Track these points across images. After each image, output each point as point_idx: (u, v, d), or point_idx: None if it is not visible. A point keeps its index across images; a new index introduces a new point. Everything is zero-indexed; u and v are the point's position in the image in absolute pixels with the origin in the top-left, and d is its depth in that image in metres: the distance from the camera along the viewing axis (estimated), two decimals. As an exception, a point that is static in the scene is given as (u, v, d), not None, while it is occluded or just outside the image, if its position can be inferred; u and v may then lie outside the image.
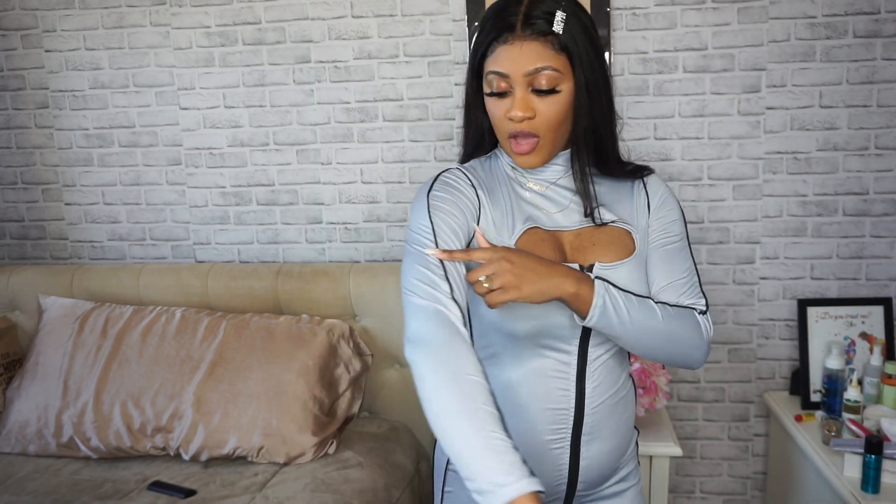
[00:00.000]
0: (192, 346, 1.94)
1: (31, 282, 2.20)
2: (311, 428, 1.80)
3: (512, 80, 0.97)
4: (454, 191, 1.03)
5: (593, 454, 1.07)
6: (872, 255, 2.02)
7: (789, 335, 2.09)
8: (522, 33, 0.96)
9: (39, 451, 1.90)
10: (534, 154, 1.01)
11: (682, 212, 1.13)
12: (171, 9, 2.16)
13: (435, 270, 0.95)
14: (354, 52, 2.11)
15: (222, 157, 2.23)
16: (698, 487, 2.21)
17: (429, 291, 0.93)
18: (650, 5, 1.98)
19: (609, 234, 1.06)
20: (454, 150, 2.12)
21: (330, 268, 2.09)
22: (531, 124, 0.99)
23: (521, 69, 0.96)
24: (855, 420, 1.78)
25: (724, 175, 2.04)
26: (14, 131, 2.32)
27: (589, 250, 1.04)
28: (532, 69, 0.96)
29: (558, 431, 1.05)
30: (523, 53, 0.96)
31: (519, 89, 0.97)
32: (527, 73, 0.96)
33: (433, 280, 0.94)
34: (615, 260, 1.03)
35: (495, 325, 1.04)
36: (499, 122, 1.01)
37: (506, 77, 0.97)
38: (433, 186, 1.04)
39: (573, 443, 1.06)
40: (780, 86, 1.97)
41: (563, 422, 1.05)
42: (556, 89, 0.97)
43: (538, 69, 0.96)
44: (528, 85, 0.97)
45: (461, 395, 0.85)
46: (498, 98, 1.00)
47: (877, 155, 1.98)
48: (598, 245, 1.05)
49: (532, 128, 0.99)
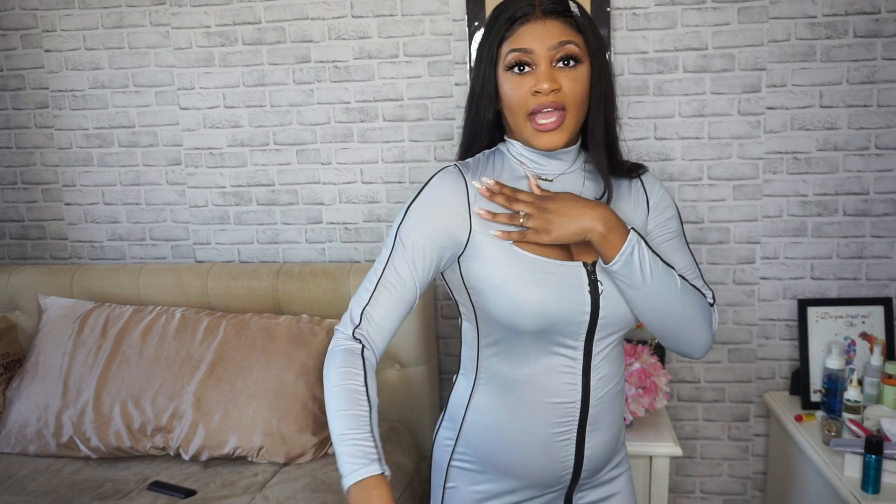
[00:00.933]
0: (192, 346, 1.94)
1: (31, 282, 2.20)
2: (311, 428, 1.80)
3: (536, 56, 1.00)
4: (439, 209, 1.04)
5: (596, 443, 1.10)
6: (872, 255, 2.02)
7: (789, 335, 2.09)
8: (543, 14, 1.00)
9: (39, 451, 1.90)
10: (558, 131, 1.01)
11: (677, 209, 1.15)
12: (171, 9, 2.16)
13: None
14: (354, 52, 2.11)
15: (222, 157, 2.23)
16: (698, 487, 2.21)
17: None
18: (650, 5, 1.98)
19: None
20: (454, 150, 2.12)
21: (330, 268, 2.09)
22: (557, 96, 1.00)
23: (546, 43, 0.99)
24: (855, 420, 1.78)
25: (724, 175, 2.04)
26: (14, 131, 2.32)
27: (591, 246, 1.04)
28: (556, 42, 0.99)
29: (565, 424, 1.07)
30: (547, 29, 1.00)
31: (543, 63, 1.00)
32: (552, 47, 0.99)
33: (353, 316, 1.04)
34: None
35: (503, 324, 1.04)
36: (520, 100, 1.01)
37: (529, 53, 1.00)
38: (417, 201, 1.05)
39: (579, 433, 1.08)
40: (780, 86, 1.97)
41: (570, 414, 1.07)
42: (580, 61, 1.01)
43: (562, 42, 1.00)
44: (551, 60, 1.00)
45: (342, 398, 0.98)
46: (520, 76, 1.01)
47: (877, 155, 1.98)
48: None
49: (559, 99, 1.00)
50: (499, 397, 1.09)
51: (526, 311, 1.01)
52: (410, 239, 1.03)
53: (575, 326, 1.03)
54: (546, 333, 1.03)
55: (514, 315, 1.02)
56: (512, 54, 1.01)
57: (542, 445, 1.07)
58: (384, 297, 1.02)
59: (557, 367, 1.06)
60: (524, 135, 1.04)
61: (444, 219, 1.03)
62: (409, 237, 1.03)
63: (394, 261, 1.03)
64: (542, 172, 1.08)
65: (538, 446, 1.07)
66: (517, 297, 1.01)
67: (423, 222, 1.03)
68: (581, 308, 1.02)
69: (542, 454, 1.08)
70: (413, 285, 1.03)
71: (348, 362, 1.00)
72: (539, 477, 1.10)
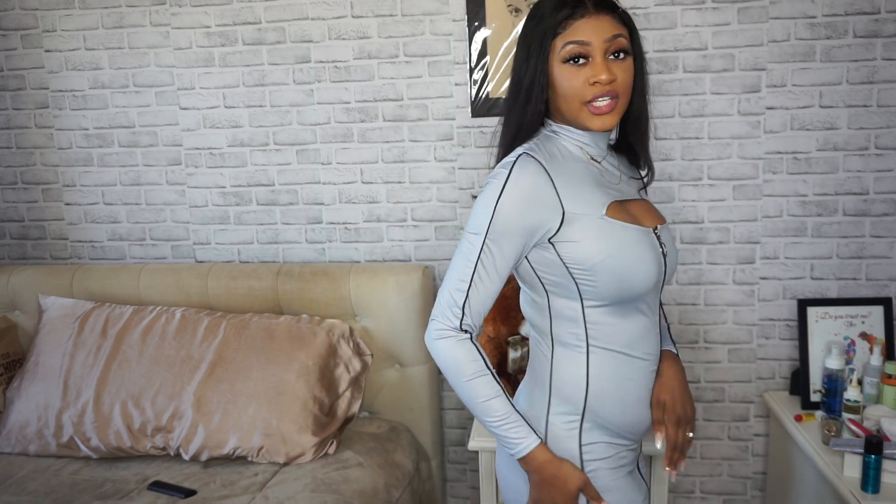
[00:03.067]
0: (192, 346, 1.94)
1: (31, 282, 2.20)
2: (311, 428, 1.80)
3: (592, 48, 1.08)
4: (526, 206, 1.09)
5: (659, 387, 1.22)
6: (872, 255, 2.02)
7: (789, 335, 2.09)
8: (595, 9, 1.09)
9: (39, 451, 1.90)
10: (613, 114, 1.11)
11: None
12: (171, 9, 2.16)
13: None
14: (354, 52, 2.11)
15: (222, 157, 2.23)
16: (698, 487, 2.21)
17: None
18: (650, 5, 1.98)
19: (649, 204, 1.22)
20: (454, 149, 2.12)
21: (330, 268, 2.09)
22: (613, 86, 1.09)
23: (601, 36, 1.08)
24: (855, 420, 1.78)
25: (724, 175, 2.04)
26: (14, 131, 2.32)
27: (646, 217, 1.18)
28: (611, 35, 1.09)
29: (651, 374, 1.21)
30: (601, 23, 1.09)
31: (598, 56, 1.08)
32: (607, 39, 1.08)
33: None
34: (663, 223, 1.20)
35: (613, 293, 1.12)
36: (578, 90, 1.09)
37: (587, 45, 1.08)
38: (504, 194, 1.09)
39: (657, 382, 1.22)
40: (780, 86, 1.97)
41: (655, 364, 1.21)
42: (629, 53, 1.12)
43: (616, 35, 1.09)
44: (605, 52, 1.09)
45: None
46: (576, 67, 1.09)
47: (877, 155, 1.98)
48: (649, 213, 1.20)
49: (613, 88, 1.10)
50: (613, 363, 1.17)
51: (642, 276, 1.11)
52: (502, 236, 1.10)
53: (656, 287, 1.17)
54: (646, 295, 1.15)
55: (632, 282, 1.11)
56: (569, 47, 1.08)
57: (645, 397, 1.20)
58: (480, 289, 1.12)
59: (648, 325, 1.18)
60: (580, 119, 1.12)
61: (535, 211, 1.09)
62: (500, 234, 1.09)
63: (485, 257, 1.10)
64: (596, 155, 1.18)
65: (643, 399, 1.20)
66: (633, 265, 1.10)
67: (515, 218, 1.09)
68: (661, 268, 1.16)
69: (646, 406, 1.20)
70: (503, 275, 1.13)
71: (472, 355, 1.13)
72: (644, 428, 1.22)
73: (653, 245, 1.14)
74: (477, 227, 1.10)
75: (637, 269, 1.11)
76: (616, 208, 1.13)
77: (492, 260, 1.10)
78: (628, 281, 1.11)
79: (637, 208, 1.18)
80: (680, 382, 1.22)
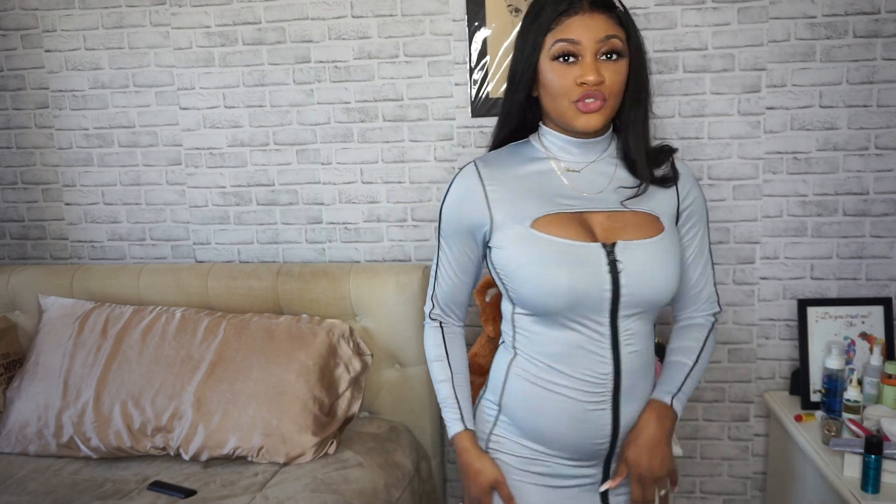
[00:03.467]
0: (192, 346, 1.94)
1: (31, 282, 2.20)
2: (311, 428, 1.80)
3: (583, 48, 1.06)
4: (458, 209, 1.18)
5: (632, 412, 1.17)
6: (872, 255, 2.02)
7: (789, 335, 2.09)
8: (590, 7, 1.07)
9: (39, 451, 1.90)
10: (599, 113, 1.08)
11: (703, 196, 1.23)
12: (171, 9, 2.16)
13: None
14: (354, 52, 2.11)
15: (222, 157, 2.23)
16: (698, 487, 2.21)
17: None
18: (650, 5, 1.98)
19: (640, 217, 1.14)
20: (454, 149, 2.12)
21: (330, 268, 2.09)
22: (601, 88, 1.07)
23: (593, 36, 1.06)
24: (855, 420, 1.78)
25: (724, 175, 2.04)
26: (14, 131, 2.32)
27: (620, 231, 1.12)
28: (603, 36, 1.06)
29: (599, 396, 1.13)
30: (595, 22, 1.06)
31: (588, 55, 1.06)
32: (598, 40, 1.06)
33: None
34: (639, 238, 1.11)
35: (531, 303, 1.12)
36: (565, 88, 1.08)
37: (577, 44, 1.06)
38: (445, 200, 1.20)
39: (613, 406, 1.14)
40: (780, 86, 1.97)
41: (602, 387, 1.13)
42: (623, 55, 1.08)
43: (608, 36, 1.06)
44: (596, 52, 1.06)
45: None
46: (565, 65, 1.07)
47: (877, 155, 1.98)
48: (629, 226, 1.12)
49: (602, 90, 1.07)
50: (535, 369, 1.16)
51: (549, 290, 1.08)
52: (449, 236, 1.21)
53: (598, 303, 1.10)
54: (572, 310, 1.10)
55: (541, 294, 1.09)
56: (559, 44, 1.07)
57: (576, 417, 1.14)
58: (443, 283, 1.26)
59: (586, 342, 1.12)
60: (566, 117, 1.10)
61: (467, 215, 1.17)
62: (446, 234, 1.22)
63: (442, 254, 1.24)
64: (570, 163, 1.15)
65: (572, 418, 1.14)
66: (541, 277, 1.08)
67: (453, 221, 1.19)
68: (601, 286, 1.09)
69: (577, 426, 1.15)
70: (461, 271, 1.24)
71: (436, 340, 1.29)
72: (574, 447, 1.17)
73: (587, 261, 1.08)
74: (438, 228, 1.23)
75: (554, 283, 1.07)
76: (551, 220, 1.11)
77: (447, 257, 1.23)
78: (543, 294, 1.09)
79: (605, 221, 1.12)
80: (650, 440, 1.14)
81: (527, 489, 1.21)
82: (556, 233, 1.10)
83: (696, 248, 1.22)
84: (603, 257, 1.09)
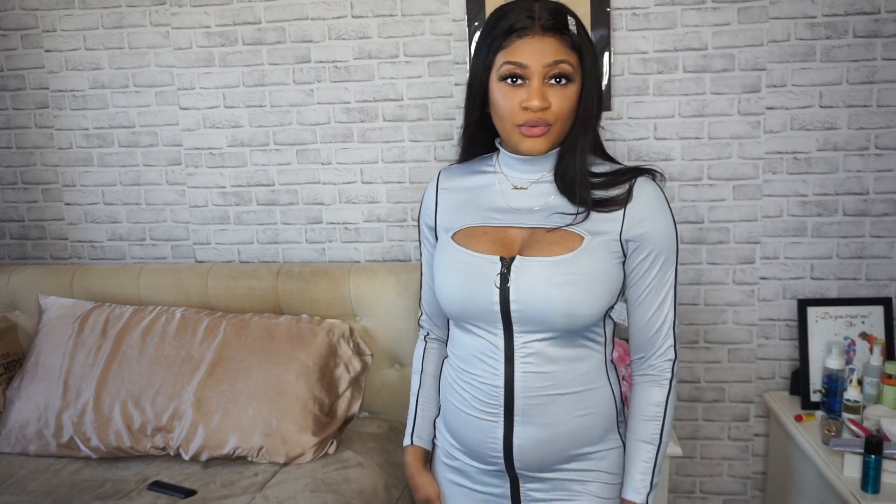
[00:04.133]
0: (192, 346, 1.94)
1: (31, 282, 2.20)
2: (311, 428, 1.80)
3: (530, 71, 1.03)
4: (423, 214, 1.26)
5: (530, 437, 1.12)
6: (872, 255, 2.02)
7: (789, 335, 2.09)
8: (541, 30, 1.03)
9: (39, 451, 1.90)
10: (543, 138, 1.06)
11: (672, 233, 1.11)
12: (171, 9, 2.16)
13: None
14: (354, 52, 2.11)
15: (222, 157, 2.23)
16: (698, 487, 2.21)
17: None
18: (650, 5, 1.98)
19: (562, 235, 1.09)
20: (454, 149, 2.11)
21: (330, 268, 2.09)
22: (546, 114, 1.04)
23: (541, 60, 1.03)
24: (855, 420, 1.78)
25: (724, 175, 2.04)
26: (14, 131, 2.32)
27: (534, 247, 1.09)
28: (551, 61, 1.03)
29: (490, 406, 1.13)
30: (544, 46, 1.03)
31: (535, 80, 1.03)
32: (547, 65, 1.03)
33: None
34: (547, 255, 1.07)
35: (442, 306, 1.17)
36: (510, 111, 1.06)
37: (524, 67, 1.03)
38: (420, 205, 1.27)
39: (506, 420, 1.12)
40: (780, 86, 1.97)
41: (494, 398, 1.12)
42: (572, 80, 1.05)
43: (557, 61, 1.03)
44: (543, 76, 1.03)
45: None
46: (512, 87, 1.05)
47: (877, 155, 1.98)
48: (545, 244, 1.09)
49: (546, 117, 1.05)
50: (450, 368, 1.22)
51: (446, 295, 1.14)
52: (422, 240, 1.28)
53: (489, 315, 1.10)
54: (467, 318, 1.13)
55: (442, 298, 1.16)
56: (506, 66, 1.04)
57: (472, 420, 1.16)
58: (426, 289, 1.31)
59: (481, 348, 1.13)
60: (511, 139, 1.09)
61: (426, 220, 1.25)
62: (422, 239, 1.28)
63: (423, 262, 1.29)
64: (518, 180, 1.15)
65: (469, 419, 1.16)
66: (441, 283, 1.15)
67: (421, 226, 1.27)
68: (489, 298, 1.09)
69: (472, 428, 1.16)
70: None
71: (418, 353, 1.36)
72: (472, 448, 1.18)
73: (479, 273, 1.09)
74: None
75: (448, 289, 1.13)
76: (471, 233, 1.14)
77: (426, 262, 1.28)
78: (442, 298, 1.15)
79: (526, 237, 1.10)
80: None
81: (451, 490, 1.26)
82: (467, 244, 1.13)
83: (650, 285, 1.11)
84: (496, 270, 1.08)
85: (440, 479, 1.28)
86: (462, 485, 1.23)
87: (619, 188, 1.10)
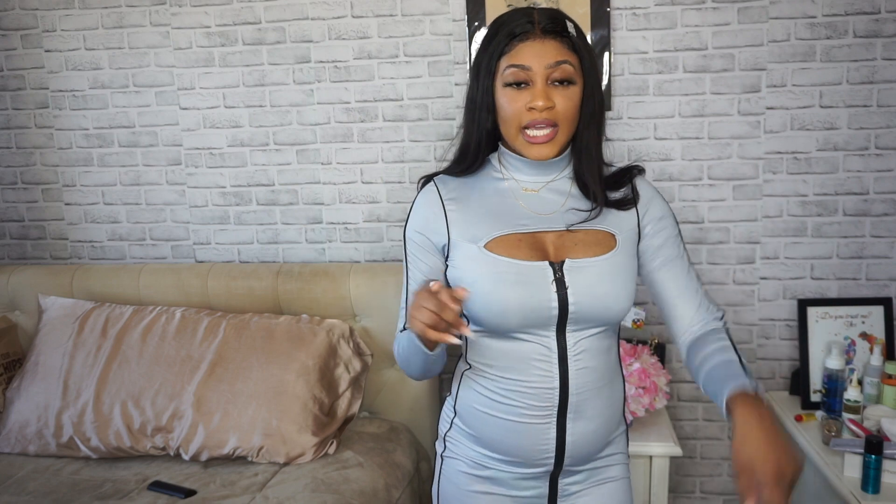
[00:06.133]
0: (192, 346, 1.94)
1: (31, 282, 2.20)
2: (311, 428, 1.80)
3: (533, 73, 1.06)
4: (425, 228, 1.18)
5: (580, 432, 1.14)
6: (872, 255, 2.02)
7: (789, 335, 2.09)
8: (542, 33, 1.06)
9: (39, 451, 1.90)
10: (550, 144, 1.09)
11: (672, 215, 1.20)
12: (171, 9, 2.16)
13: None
14: (354, 52, 2.11)
15: (222, 157, 2.23)
16: (698, 487, 2.21)
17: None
18: (650, 5, 1.98)
19: (593, 235, 1.13)
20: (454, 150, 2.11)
21: (330, 268, 2.09)
22: (551, 114, 1.07)
23: (543, 62, 1.06)
24: (855, 420, 1.78)
25: (724, 175, 2.04)
26: (14, 131, 2.32)
27: (570, 249, 1.12)
28: (554, 62, 1.06)
29: (544, 409, 1.13)
30: (546, 48, 1.06)
31: (539, 81, 1.06)
32: (549, 66, 1.06)
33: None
34: (590, 256, 1.11)
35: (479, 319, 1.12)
36: (515, 114, 1.08)
37: (527, 69, 1.06)
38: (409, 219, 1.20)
39: (559, 420, 1.13)
40: (780, 86, 1.97)
41: (548, 401, 1.12)
42: (574, 81, 1.08)
43: (559, 62, 1.06)
44: (547, 78, 1.06)
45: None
46: (516, 91, 1.07)
47: (877, 155, 1.98)
48: (580, 245, 1.12)
49: (552, 117, 1.07)
50: (484, 380, 1.17)
51: (499, 308, 1.09)
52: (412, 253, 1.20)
53: (544, 319, 1.10)
54: (523, 326, 1.10)
55: (492, 313, 1.10)
56: (510, 70, 1.07)
57: (520, 426, 1.14)
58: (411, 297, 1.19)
59: (532, 354, 1.11)
60: (516, 145, 1.12)
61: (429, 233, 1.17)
62: (411, 251, 1.20)
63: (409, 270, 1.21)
64: (527, 182, 1.16)
65: (517, 427, 1.14)
66: (490, 296, 1.09)
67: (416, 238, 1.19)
68: (548, 304, 1.09)
69: (521, 434, 1.14)
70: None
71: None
72: (519, 454, 1.16)
73: (534, 280, 1.09)
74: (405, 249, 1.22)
75: (502, 301, 1.08)
76: (504, 241, 1.11)
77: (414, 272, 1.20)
78: (493, 312, 1.10)
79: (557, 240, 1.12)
80: (764, 435, 0.92)
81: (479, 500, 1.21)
82: (507, 253, 1.11)
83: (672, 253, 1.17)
84: (550, 275, 1.09)
85: (463, 493, 1.22)
86: (493, 493, 1.21)
87: (625, 188, 1.18)
